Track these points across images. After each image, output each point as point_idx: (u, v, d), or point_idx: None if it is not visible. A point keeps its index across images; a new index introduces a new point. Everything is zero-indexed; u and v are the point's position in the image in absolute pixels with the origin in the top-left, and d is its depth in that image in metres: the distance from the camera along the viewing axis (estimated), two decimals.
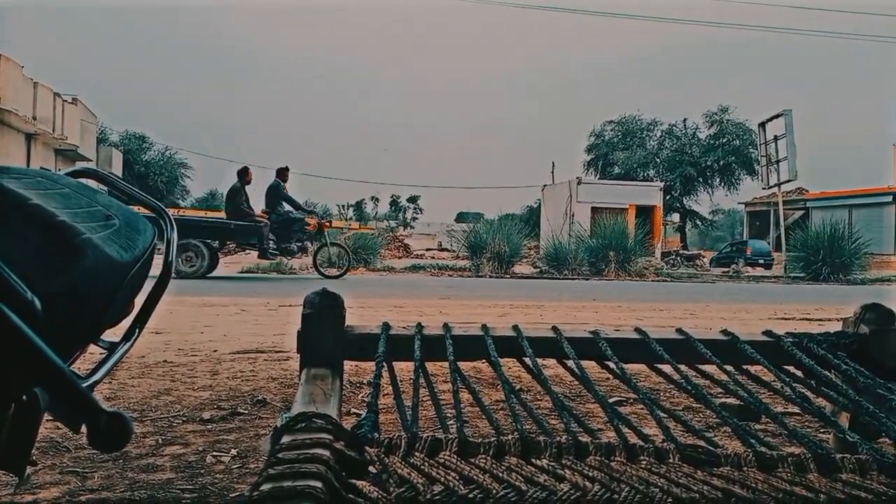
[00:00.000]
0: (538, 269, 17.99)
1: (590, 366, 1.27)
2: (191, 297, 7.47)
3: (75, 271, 0.79)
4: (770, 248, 29.38)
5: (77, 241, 0.81)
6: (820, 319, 6.65)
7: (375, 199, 69.49)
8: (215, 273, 12.14)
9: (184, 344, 4.10)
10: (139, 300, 1.03)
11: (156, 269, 1.08)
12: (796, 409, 2.22)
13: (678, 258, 26.36)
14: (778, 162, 20.72)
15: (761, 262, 26.57)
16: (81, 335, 0.88)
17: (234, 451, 2.05)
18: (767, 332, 1.39)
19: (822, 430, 2.28)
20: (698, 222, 44.35)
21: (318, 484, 0.69)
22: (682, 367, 1.27)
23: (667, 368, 1.30)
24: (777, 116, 20.97)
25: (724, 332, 1.39)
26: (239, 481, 1.80)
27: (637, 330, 1.38)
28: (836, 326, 1.47)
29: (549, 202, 27.79)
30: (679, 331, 1.39)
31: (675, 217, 41.98)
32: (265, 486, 0.69)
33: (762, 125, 22.02)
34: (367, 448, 0.85)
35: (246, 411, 2.54)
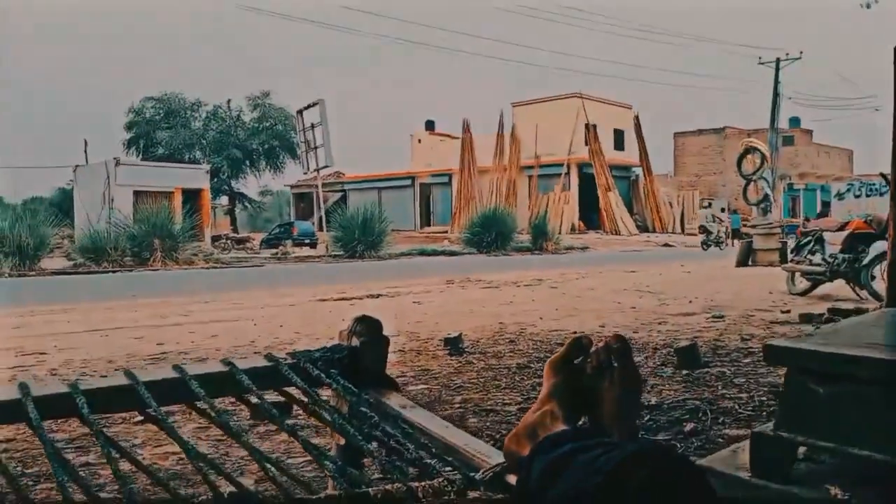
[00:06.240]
0: (73, 262, 16.08)
1: None
2: None
3: None
4: (314, 228, 31.16)
5: None
6: (351, 298, 7.31)
7: None
8: None
9: None
10: None
11: None
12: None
13: (228, 241, 26.38)
14: (316, 148, 22.13)
15: (307, 241, 28.08)
16: None
17: None
18: (268, 356, 1.38)
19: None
20: (247, 204, 45.03)
21: None
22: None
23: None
24: (313, 105, 22.33)
25: (224, 361, 1.33)
26: None
27: (126, 373, 1.22)
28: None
29: (84, 185, 24.97)
30: (175, 368, 1.28)
31: (224, 200, 41.92)
32: None
33: (300, 112, 23.22)
34: None
35: None
